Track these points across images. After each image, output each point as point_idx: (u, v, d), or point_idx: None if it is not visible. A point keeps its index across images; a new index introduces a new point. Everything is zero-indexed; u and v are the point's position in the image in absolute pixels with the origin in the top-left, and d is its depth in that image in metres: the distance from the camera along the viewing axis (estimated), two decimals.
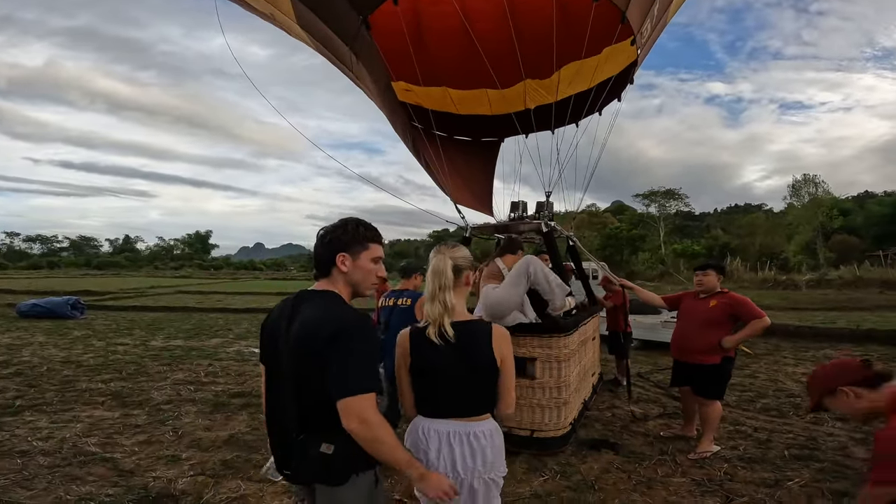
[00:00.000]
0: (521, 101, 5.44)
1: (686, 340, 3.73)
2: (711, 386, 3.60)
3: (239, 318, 13.13)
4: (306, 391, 1.41)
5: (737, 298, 3.62)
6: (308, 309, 1.47)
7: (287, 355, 1.44)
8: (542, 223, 4.61)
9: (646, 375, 6.44)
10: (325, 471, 1.40)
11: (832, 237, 32.77)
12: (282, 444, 1.47)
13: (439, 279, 1.73)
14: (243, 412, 4.84)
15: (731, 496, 2.88)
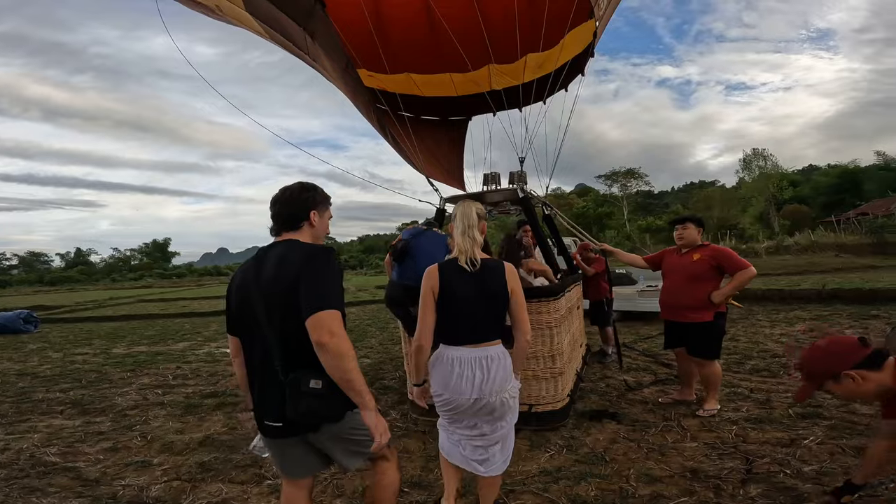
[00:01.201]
0: (486, 83, 5.35)
1: (675, 297, 3.63)
2: (707, 345, 3.52)
3: (207, 322, 12.55)
4: (287, 331, 1.51)
5: (719, 250, 3.54)
6: (275, 255, 1.62)
7: (263, 303, 1.56)
8: (518, 188, 4.40)
9: (630, 345, 6.41)
10: (319, 407, 1.48)
11: (784, 207, 34.34)
12: (271, 394, 1.56)
13: (467, 219, 2.11)
14: (218, 412, 4.55)
15: (750, 457, 2.78)
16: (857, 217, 23.27)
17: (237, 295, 1.68)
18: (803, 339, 6.06)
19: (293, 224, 1.71)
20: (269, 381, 1.57)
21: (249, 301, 1.61)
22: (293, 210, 1.72)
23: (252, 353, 1.65)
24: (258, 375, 1.63)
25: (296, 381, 1.49)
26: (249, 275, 1.66)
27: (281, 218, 1.72)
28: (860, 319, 7.03)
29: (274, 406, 1.56)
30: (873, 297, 8.79)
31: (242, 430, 4.00)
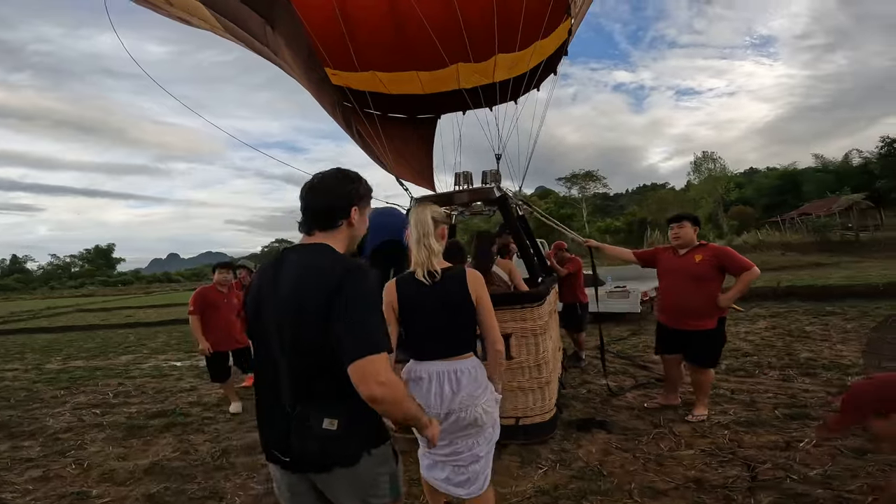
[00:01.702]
0: (454, 82, 5.16)
1: (678, 302, 3.42)
2: (708, 353, 3.38)
3: (154, 332, 11.70)
4: (301, 355, 1.25)
5: (721, 249, 3.37)
6: (301, 262, 1.31)
7: (276, 319, 1.28)
8: (493, 188, 4.16)
9: (604, 347, 6.33)
10: (331, 451, 1.24)
11: (730, 208, 36.09)
12: (275, 423, 1.29)
13: (423, 227, 1.92)
14: (167, 434, 4.12)
15: (751, 463, 2.66)
16: (801, 217, 24.73)
17: (252, 303, 1.38)
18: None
19: (329, 222, 1.36)
20: (277, 407, 1.30)
21: (263, 313, 1.34)
22: (332, 203, 1.36)
23: (261, 366, 1.38)
24: (266, 394, 1.36)
25: (304, 417, 1.23)
26: (266, 281, 1.35)
27: (314, 213, 1.37)
28: (819, 316, 7.26)
29: (280, 436, 1.29)
30: (827, 294, 9.19)
31: (196, 453, 3.58)
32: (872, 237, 16.35)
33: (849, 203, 22.05)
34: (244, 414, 4.52)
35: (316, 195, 1.36)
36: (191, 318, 4.56)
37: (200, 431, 4.13)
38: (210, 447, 3.70)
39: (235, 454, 3.51)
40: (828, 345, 5.35)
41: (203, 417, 4.51)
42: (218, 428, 4.18)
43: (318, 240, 1.35)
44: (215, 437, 3.96)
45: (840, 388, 3.80)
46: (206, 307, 4.57)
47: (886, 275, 10.38)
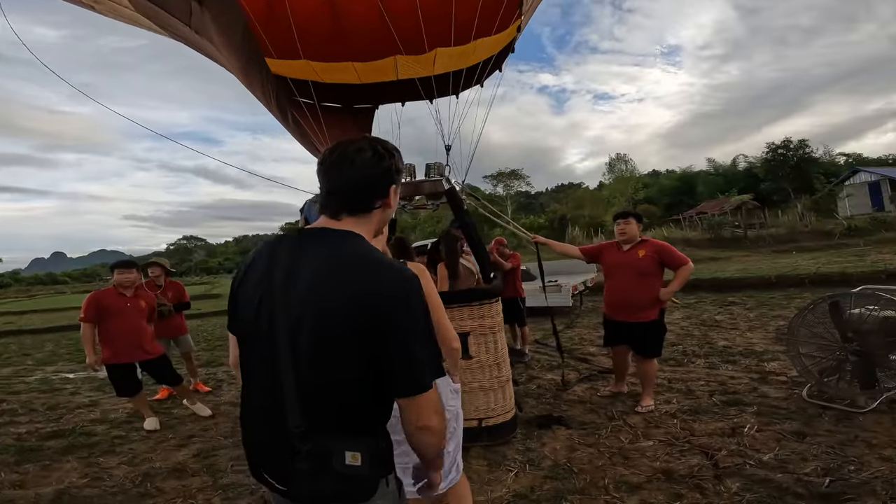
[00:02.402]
0: (392, 72, 4.98)
1: (624, 296, 3.57)
2: (652, 344, 3.56)
3: (40, 341, 10.16)
4: (319, 372, 0.99)
5: (661, 245, 3.57)
6: (325, 257, 1.02)
7: (288, 319, 1.00)
8: (444, 179, 4.00)
9: (543, 342, 6.49)
10: (352, 491, 1.01)
11: (637, 207, 39.25)
12: (276, 450, 1.03)
13: None
14: (69, 457, 3.55)
15: (708, 451, 2.78)
16: (698, 215, 27.47)
17: (253, 292, 1.08)
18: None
19: (366, 204, 1.11)
20: (276, 433, 1.02)
21: (265, 307, 1.04)
22: (371, 181, 1.10)
23: (257, 375, 1.09)
24: (261, 412, 1.08)
25: (324, 454, 0.98)
26: (277, 273, 1.05)
27: (348, 194, 1.10)
28: (723, 306, 8.00)
29: (282, 465, 1.04)
30: (727, 286, 10.20)
31: (111, 478, 3.07)
32: (758, 234, 18.53)
33: (739, 203, 24.88)
34: (164, 431, 3.98)
35: (351, 171, 1.08)
36: (82, 326, 3.91)
37: (111, 453, 3.57)
38: (127, 471, 3.20)
39: (161, 478, 3.05)
40: (738, 333, 5.89)
41: (112, 437, 3.92)
42: (133, 448, 3.64)
43: (348, 226, 1.09)
44: (131, 458, 3.44)
45: (760, 374, 4.16)
46: (105, 314, 3.92)
47: (775, 267, 11.77)
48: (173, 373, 4.35)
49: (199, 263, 64.37)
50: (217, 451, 3.44)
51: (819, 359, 3.49)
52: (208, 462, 3.25)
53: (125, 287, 4.07)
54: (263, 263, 1.10)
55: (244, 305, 1.11)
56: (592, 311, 8.80)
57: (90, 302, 3.94)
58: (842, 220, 18.87)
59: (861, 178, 27.22)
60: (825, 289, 8.83)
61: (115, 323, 3.93)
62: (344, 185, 1.09)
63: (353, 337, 0.98)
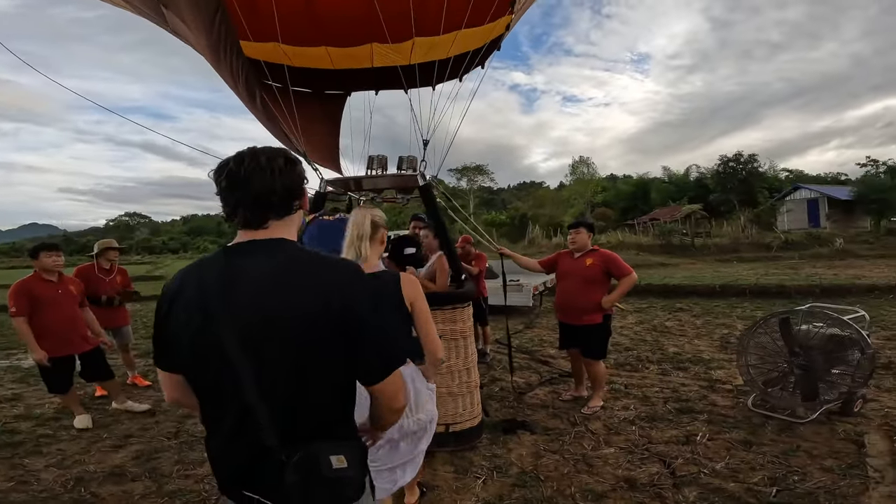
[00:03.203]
0: (367, 60, 4.83)
1: (570, 301, 3.76)
2: (596, 346, 3.73)
3: None
4: (291, 386, 1.01)
5: (608, 255, 3.73)
6: (266, 267, 1.03)
7: (242, 347, 0.99)
8: (418, 176, 3.89)
9: (503, 342, 6.50)
10: (343, 492, 1.04)
11: (595, 210, 40.41)
12: (260, 471, 1.02)
13: (358, 229, 1.87)
14: None
15: (665, 459, 2.85)
16: (651, 221, 28.62)
17: (188, 323, 1.03)
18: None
19: (286, 208, 1.10)
20: (256, 452, 1.01)
21: (212, 339, 1.00)
22: (287, 186, 1.09)
23: (214, 405, 1.08)
24: (227, 433, 1.05)
25: (312, 462, 0.98)
26: (213, 297, 1.01)
27: (266, 201, 1.07)
28: (672, 312, 8.33)
29: (263, 479, 1.02)
30: (675, 292, 10.66)
31: (39, 482, 2.78)
32: (704, 243, 19.53)
33: (688, 212, 26.10)
34: (97, 430, 3.67)
35: (269, 177, 1.06)
36: (15, 321, 3.50)
37: (37, 454, 3.27)
38: (57, 474, 2.93)
39: (97, 483, 2.80)
40: (686, 339, 6.14)
41: (38, 435, 3.59)
42: (62, 449, 3.34)
43: (274, 233, 1.08)
44: (60, 460, 3.15)
45: (708, 381, 4.34)
46: (37, 304, 3.54)
47: (718, 275, 12.42)
48: (107, 367, 4.05)
49: (142, 242, 60.81)
50: (159, 453, 3.21)
51: (765, 370, 3.68)
52: (150, 465, 3.01)
53: (50, 272, 3.69)
54: (192, 291, 1.04)
55: (179, 338, 1.05)
56: (552, 311, 8.95)
57: (19, 293, 3.54)
58: (780, 233, 20.18)
59: (801, 194, 29.20)
60: (764, 300, 9.43)
61: (48, 313, 3.59)
62: (270, 189, 1.06)
63: (316, 336, 0.99)
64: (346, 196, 4.71)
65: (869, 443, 2.94)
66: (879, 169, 27.53)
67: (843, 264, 14.36)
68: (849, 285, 9.59)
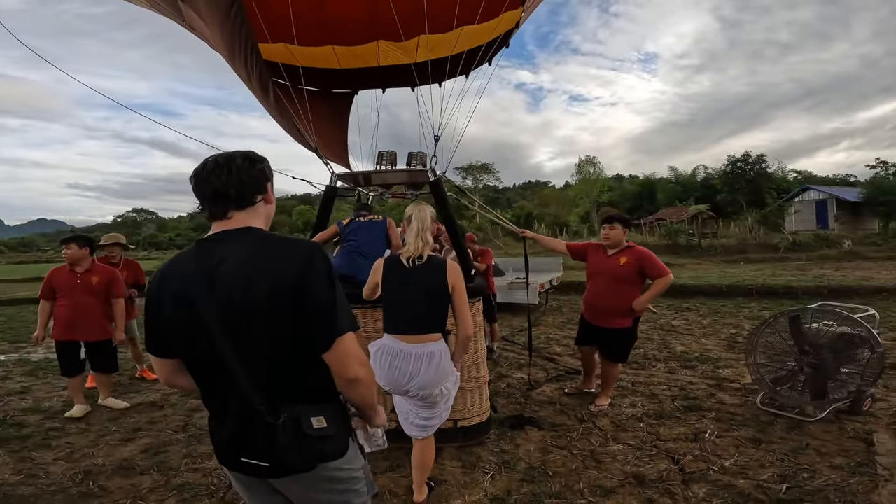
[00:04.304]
0: (373, 58, 4.83)
1: (600, 301, 3.61)
2: (620, 350, 3.63)
3: None
4: (268, 355, 1.15)
5: (644, 253, 3.56)
6: (234, 252, 1.17)
7: (224, 325, 1.14)
8: (430, 170, 3.89)
9: (510, 339, 6.50)
10: (326, 449, 1.19)
11: (600, 209, 40.29)
12: (252, 431, 1.16)
13: (422, 223, 2.26)
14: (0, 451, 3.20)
15: (674, 456, 2.84)
16: (658, 221, 28.49)
17: (174, 309, 1.19)
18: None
19: (247, 199, 1.24)
20: (244, 416, 1.17)
21: (197, 320, 1.15)
22: (246, 180, 1.23)
23: (208, 380, 1.23)
24: (221, 406, 1.23)
25: (294, 423, 1.13)
26: (193, 282, 1.16)
27: (227, 193, 1.22)
28: (679, 311, 8.30)
29: (257, 443, 1.17)
30: (682, 292, 10.59)
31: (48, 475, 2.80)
32: (711, 243, 19.40)
33: (695, 212, 25.96)
34: (106, 423, 3.69)
35: (226, 174, 1.22)
36: (41, 302, 3.98)
37: (46, 447, 3.27)
38: (65, 467, 2.93)
39: (106, 476, 2.81)
40: (693, 339, 6.11)
41: (47, 428, 3.60)
42: (70, 442, 3.35)
43: (241, 222, 1.23)
44: (69, 453, 3.16)
45: (715, 380, 4.32)
46: (57, 291, 3.91)
47: (725, 276, 12.35)
48: (114, 360, 4.15)
49: (149, 238, 61.20)
50: (167, 446, 3.22)
51: (774, 368, 3.65)
52: (159, 459, 3.02)
53: (73, 263, 3.91)
54: (176, 280, 1.19)
55: (168, 325, 1.20)
56: (557, 309, 8.94)
57: (45, 279, 4.01)
58: (787, 234, 20.03)
59: (810, 195, 28.94)
60: (771, 300, 9.37)
61: (61, 300, 3.91)
62: (226, 186, 1.20)
63: (286, 314, 1.12)
64: (355, 192, 4.72)
65: (878, 441, 2.92)
66: (889, 170, 27.27)
67: (851, 266, 14.24)
68: (857, 287, 9.51)
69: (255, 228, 1.23)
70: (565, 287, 10.46)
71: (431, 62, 4.72)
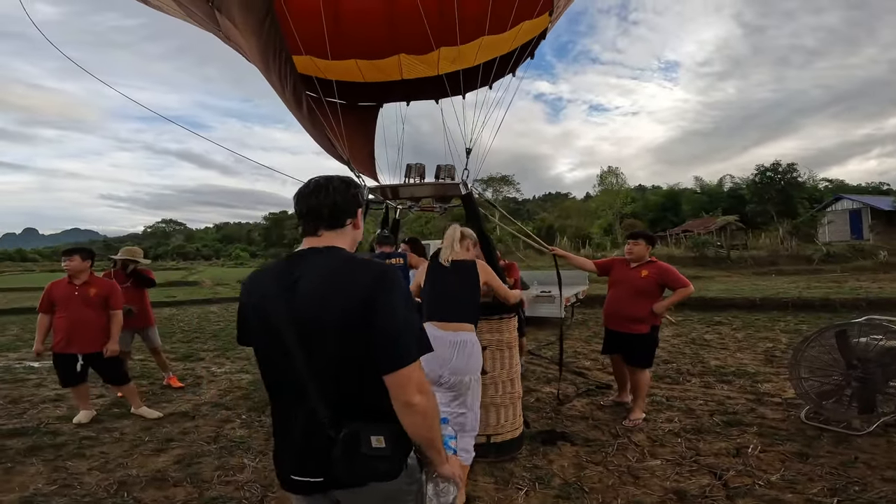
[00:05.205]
0: (396, 72, 4.91)
1: (619, 309, 3.76)
2: (641, 355, 3.69)
3: (4, 323, 9.66)
4: (336, 370, 1.19)
5: (665, 268, 3.73)
6: (316, 268, 1.24)
7: (298, 335, 1.18)
8: (462, 183, 3.92)
9: (536, 352, 6.40)
10: (381, 468, 1.18)
11: (623, 221, 39.69)
12: (313, 446, 1.20)
13: (450, 239, 2.76)
14: (33, 459, 3.27)
15: (716, 471, 2.75)
16: (684, 233, 27.88)
17: (254, 315, 1.27)
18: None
19: (337, 221, 1.31)
20: (304, 428, 1.21)
21: (273, 327, 1.21)
22: (337, 203, 1.31)
23: (275, 385, 1.29)
24: (284, 416, 1.27)
25: (353, 439, 1.15)
26: (273, 291, 1.23)
27: (318, 213, 1.30)
28: (710, 325, 8.04)
29: (312, 458, 1.20)
30: (713, 305, 10.28)
31: (82, 486, 2.84)
32: (740, 255, 18.87)
33: (724, 223, 25.35)
34: (140, 433, 3.74)
35: (322, 195, 1.31)
36: (39, 315, 4.08)
37: (80, 456, 3.30)
38: (99, 478, 2.96)
39: (140, 487, 2.82)
40: (728, 353, 5.90)
41: (81, 437, 3.64)
42: (105, 452, 3.38)
43: (328, 241, 1.30)
44: (103, 463, 3.19)
45: (755, 394, 4.16)
46: (55, 303, 3.96)
47: (757, 289, 11.95)
48: (119, 371, 4.15)
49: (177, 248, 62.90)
50: (200, 458, 3.22)
51: (819, 383, 3.52)
52: (192, 471, 3.02)
53: (73, 275, 3.96)
54: (260, 288, 1.27)
55: (254, 325, 1.27)
56: (583, 323, 8.78)
57: (45, 292, 4.03)
58: (821, 245, 19.34)
59: (843, 205, 27.94)
60: (808, 313, 9.02)
61: (59, 312, 3.94)
62: (321, 206, 1.29)
63: (357, 333, 1.15)
64: (383, 205, 4.75)
65: None
66: None
67: (889, 277, 13.65)
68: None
69: (339, 248, 1.29)
70: (590, 300, 10.30)
71: (454, 74, 4.77)
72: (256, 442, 3.46)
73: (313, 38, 4.04)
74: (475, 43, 4.32)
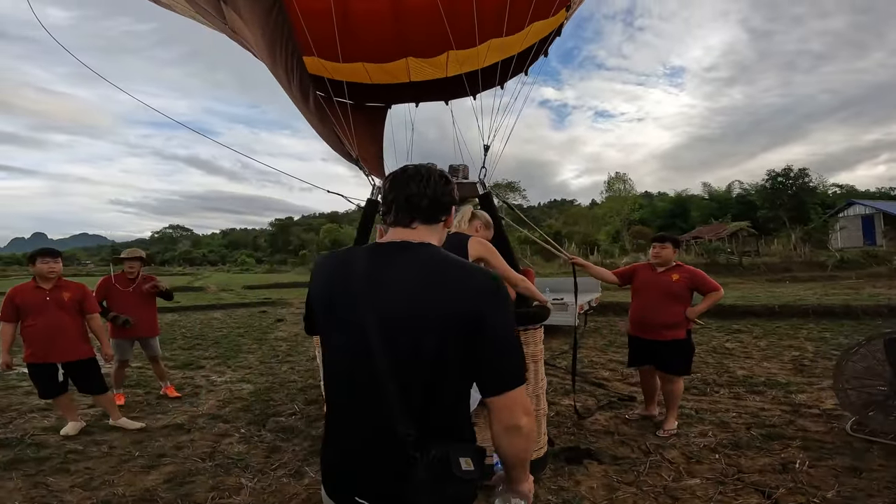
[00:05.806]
0: (404, 75, 4.76)
1: (650, 315, 3.60)
2: (679, 361, 3.50)
3: None
4: (430, 382, 1.04)
5: (695, 272, 3.61)
6: (411, 263, 1.10)
7: (382, 326, 1.04)
8: (479, 183, 3.77)
9: (551, 363, 6.10)
10: (466, 494, 1.07)
11: (631, 227, 39.31)
12: (375, 463, 1.05)
13: (459, 216, 2.93)
14: (12, 473, 3.04)
15: (764, 490, 2.50)
16: (694, 239, 27.50)
17: (331, 306, 1.15)
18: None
19: (434, 215, 1.19)
20: (379, 445, 1.06)
21: (356, 323, 1.08)
22: (438, 196, 1.18)
23: (345, 385, 1.15)
24: (348, 424, 1.13)
25: (443, 461, 1.01)
26: (361, 284, 1.10)
27: (417, 205, 1.16)
28: (730, 333, 7.72)
29: (379, 479, 1.06)
30: (730, 313, 9.94)
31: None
32: (752, 262, 18.48)
33: (735, 229, 24.96)
34: (130, 447, 3.48)
35: (424, 184, 1.18)
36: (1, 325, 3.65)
37: (64, 471, 3.05)
38: (81, 496, 2.71)
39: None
40: (754, 362, 5.59)
41: (66, 451, 3.38)
42: (90, 467, 3.12)
43: (421, 236, 1.17)
44: (87, 480, 2.93)
45: (790, 405, 3.87)
46: (23, 310, 3.59)
47: (774, 296, 11.60)
48: (99, 380, 3.83)
49: (183, 254, 63.09)
50: (193, 476, 2.96)
51: (866, 394, 3.27)
52: (183, 491, 2.76)
53: (44, 279, 3.65)
54: (338, 276, 1.15)
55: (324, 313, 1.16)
56: (596, 331, 8.47)
57: (7, 299, 3.63)
58: (834, 251, 18.93)
59: (855, 210, 27.52)
60: (830, 320, 8.70)
61: (32, 320, 3.59)
62: (421, 195, 1.16)
63: (452, 341, 1.02)
64: None
65: None
66: None
67: None
68: None
69: (434, 246, 1.17)
70: (603, 308, 10.00)
71: (464, 75, 4.59)
72: (255, 459, 3.20)
73: (321, 39, 3.92)
74: (483, 46, 4.16)
